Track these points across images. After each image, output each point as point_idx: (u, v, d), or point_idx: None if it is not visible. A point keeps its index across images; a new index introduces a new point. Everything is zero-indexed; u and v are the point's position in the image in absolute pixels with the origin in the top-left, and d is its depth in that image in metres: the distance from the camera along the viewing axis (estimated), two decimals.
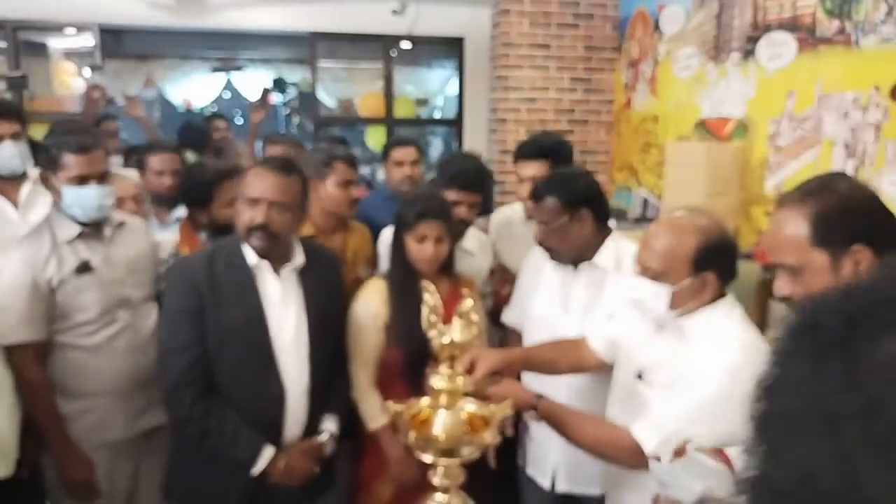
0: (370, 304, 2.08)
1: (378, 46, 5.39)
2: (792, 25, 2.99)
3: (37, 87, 5.16)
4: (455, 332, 1.41)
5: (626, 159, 4.44)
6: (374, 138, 5.59)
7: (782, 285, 1.23)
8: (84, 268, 2.05)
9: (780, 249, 1.21)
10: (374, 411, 2.04)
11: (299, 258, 1.93)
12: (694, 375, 1.46)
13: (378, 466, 2.09)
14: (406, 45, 5.46)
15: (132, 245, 2.22)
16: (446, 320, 1.45)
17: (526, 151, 2.49)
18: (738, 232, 3.28)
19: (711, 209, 3.28)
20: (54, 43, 5.49)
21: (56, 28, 5.09)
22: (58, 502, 2.10)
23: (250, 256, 1.87)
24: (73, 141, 2.07)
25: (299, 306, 1.91)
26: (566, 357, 1.85)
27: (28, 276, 1.98)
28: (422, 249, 2.04)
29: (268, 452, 1.84)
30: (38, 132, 3.30)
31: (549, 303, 2.14)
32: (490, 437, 1.38)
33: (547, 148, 2.49)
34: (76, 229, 2.07)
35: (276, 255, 1.88)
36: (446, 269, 2.13)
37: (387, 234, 2.59)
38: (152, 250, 2.31)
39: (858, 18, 2.68)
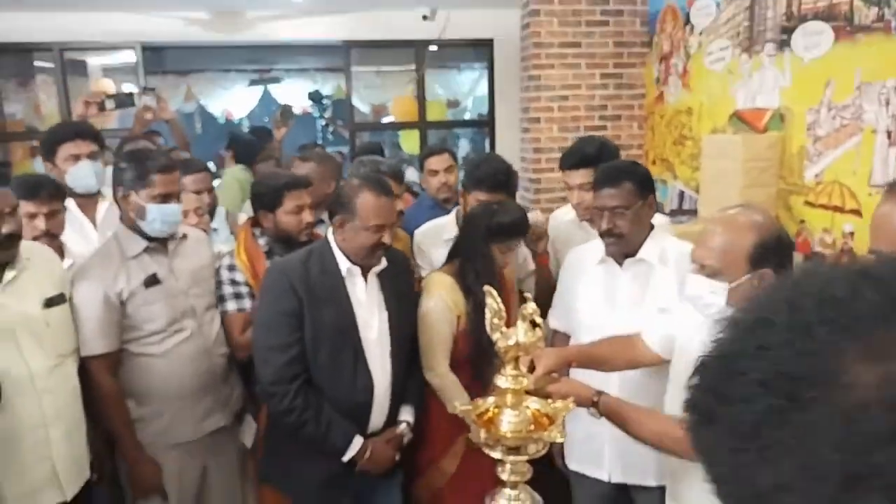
0: (444, 297, 2.20)
1: (409, 52, 5.44)
2: (828, 14, 2.95)
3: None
4: (520, 334, 1.44)
5: (659, 153, 4.42)
6: (408, 142, 5.65)
7: None
8: (152, 280, 2.14)
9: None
10: (458, 393, 2.15)
11: (382, 263, 2.06)
12: None
13: (436, 453, 2.18)
14: (436, 48, 5.50)
15: (195, 256, 2.31)
16: (508, 323, 1.48)
17: (572, 161, 2.50)
18: (779, 223, 3.25)
19: (749, 200, 3.27)
20: (94, 61, 5.63)
21: (101, 48, 5.23)
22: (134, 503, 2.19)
23: (342, 262, 2.03)
24: (160, 161, 2.19)
25: (381, 307, 2.07)
26: (622, 354, 1.86)
27: (100, 291, 2.06)
28: (506, 259, 2.25)
29: (357, 442, 2.02)
30: None
31: (594, 300, 2.15)
32: (556, 434, 1.40)
33: (591, 156, 2.49)
34: (143, 244, 2.15)
35: (370, 264, 2.05)
36: None
37: (421, 235, 2.66)
38: (212, 260, 2.38)
39: None
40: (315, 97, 5.84)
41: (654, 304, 2.00)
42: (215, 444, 2.29)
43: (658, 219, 2.25)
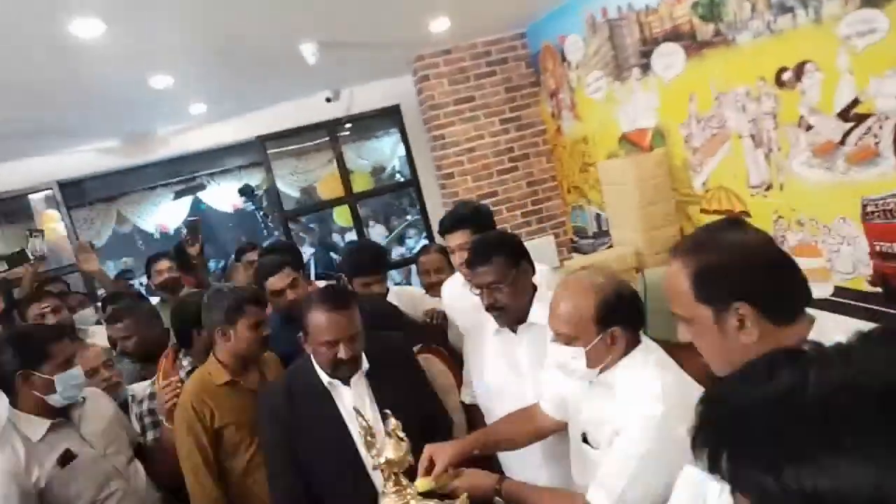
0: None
1: (323, 132, 5.50)
2: (676, 35, 3.05)
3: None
4: (388, 452, 1.43)
5: (571, 181, 4.49)
6: (341, 216, 5.66)
7: (682, 331, 1.22)
8: (66, 457, 2.02)
9: (673, 300, 1.20)
10: None
11: (364, 364, 1.97)
12: (628, 435, 1.47)
13: None
14: (349, 124, 5.57)
15: (99, 415, 2.20)
16: None
17: (447, 225, 2.52)
18: (683, 234, 3.30)
19: (650, 217, 3.31)
20: (35, 198, 5.60)
21: (20, 195, 5.21)
22: None
23: (323, 376, 1.94)
24: (51, 333, 2.09)
25: (372, 405, 1.94)
26: (523, 428, 1.84)
27: (13, 488, 1.92)
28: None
29: None
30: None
31: (499, 371, 2.14)
32: None
33: (465, 216, 2.52)
34: (46, 423, 2.04)
35: (347, 374, 1.93)
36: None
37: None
38: (118, 412, 2.31)
39: (729, 19, 2.73)
40: (245, 191, 5.85)
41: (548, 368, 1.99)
42: None
43: (541, 271, 2.25)
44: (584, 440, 1.62)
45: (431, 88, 4.49)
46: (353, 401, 1.91)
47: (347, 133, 6.10)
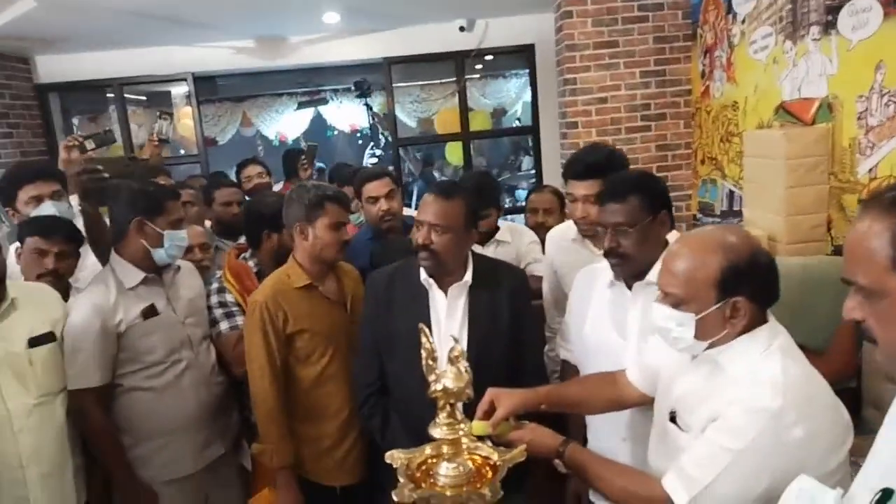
0: None
1: (450, 64, 5.31)
2: None
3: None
4: (447, 380, 1.26)
5: (708, 151, 4.06)
6: (453, 153, 5.50)
7: (853, 306, 0.97)
8: (150, 312, 2.10)
9: (855, 263, 0.95)
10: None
11: (467, 276, 1.95)
12: (728, 424, 1.21)
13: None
14: (477, 58, 5.34)
15: (189, 287, 2.27)
16: None
17: (578, 170, 2.26)
18: (831, 224, 2.87)
19: (797, 200, 2.91)
20: (177, 90, 5.82)
21: (156, 81, 5.40)
22: None
23: (422, 273, 1.95)
24: (171, 189, 2.21)
25: (463, 322, 1.93)
26: (600, 393, 1.62)
27: (97, 322, 2.02)
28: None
29: None
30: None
31: (602, 328, 1.91)
32: (489, 493, 1.21)
33: (598, 165, 2.24)
34: (140, 275, 2.12)
35: (443, 273, 1.94)
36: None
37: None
38: (203, 290, 2.34)
39: None
40: (360, 86, 5.51)
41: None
42: (216, 472, 2.24)
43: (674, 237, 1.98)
44: (672, 420, 1.38)
45: (572, 27, 4.15)
46: (445, 310, 1.91)
47: (476, 68, 5.87)
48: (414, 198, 5.62)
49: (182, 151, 6.02)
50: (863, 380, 2.31)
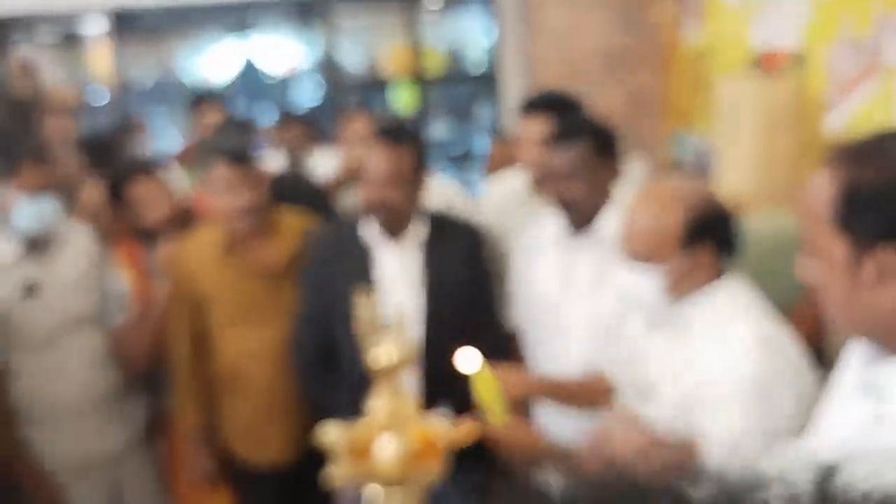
0: None
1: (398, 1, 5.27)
2: None
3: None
4: (389, 349, 1.34)
5: (679, 103, 4.18)
6: (404, 101, 5.49)
7: (803, 266, 1.04)
8: (32, 289, 2.08)
9: (805, 221, 1.02)
10: None
11: (420, 232, 2.00)
12: (720, 369, 1.34)
13: None
14: None
15: (80, 258, 2.23)
16: None
17: (525, 105, 2.34)
18: (796, 184, 3.02)
19: (766, 157, 3.05)
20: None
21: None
22: None
23: (367, 230, 2.01)
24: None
25: (416, 284, 1.98)
26: (596, 400, 1.73)
27: None
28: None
29: None
30: None
31: (549, 287, 2.02)
32: (431, 471, 1.30)
33: (550, 99, 2.33)
34: (19, 247, 2.09)
35: (395, 230, 1.99)
36: None
37: None
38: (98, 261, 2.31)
39: None
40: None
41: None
42: (124, 463, 2.28)
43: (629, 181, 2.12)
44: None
45: None
46: (396, 271, 1.95)
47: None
48: None
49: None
50: (825, 341, 2.48)
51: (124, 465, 2.28)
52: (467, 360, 1.56)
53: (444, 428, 1.41)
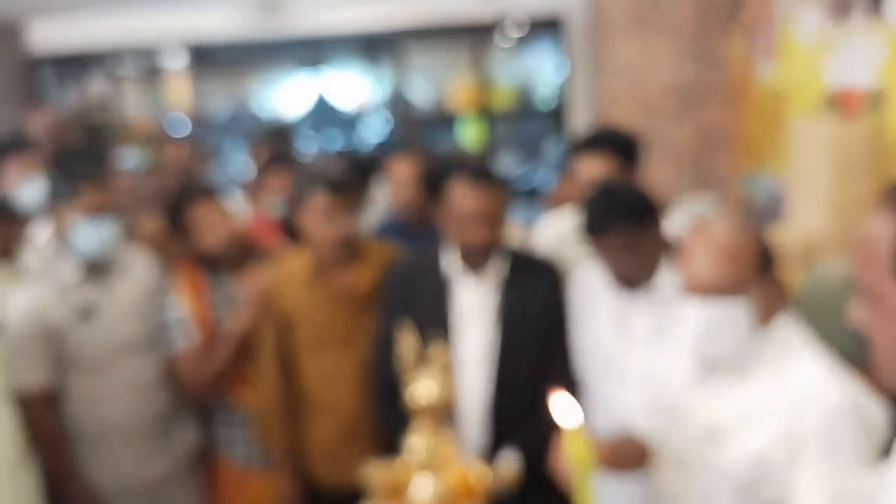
0: None
1: (467, 38, 5.40)
2: None
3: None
4: (431, 388, 1.39)
5: (753, 141, 4.12)
6: (470, 136, 5.60)
7: (855, 308, 1.02)
8: (89, 311, 2.18)
9: (862, 265, 1.00)
10: None
11: (501, 268, 2.05)
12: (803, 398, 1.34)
13: None
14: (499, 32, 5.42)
15: (138, 283, 2.32)
16: None
17: (579, 143, 2.36)
18: None
19: (840, 201, 2.99)
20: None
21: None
22: None
23: (447, 263, 2.06)
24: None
25: (491, 321, 2.02)
26: None
27: (37, 318, 2.12)
28: None
29: None
30: None
31: (605, 340, 2.03)
32: None
33: (604, 136, 2.34)
34: (80, 269, 2.20)
35: (476, 263, 2.03)
36: None
37: None
38: (156, 287, 2.39)
39: None
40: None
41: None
42: (170, 487, 2.35)
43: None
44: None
45: None
46: (473, 307, 2.00)
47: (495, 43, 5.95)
48: None
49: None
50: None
51: (168, 491, 2.35)
52: (565, 411, 1.45)
53: (484, 471, 1.44)
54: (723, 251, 1.39)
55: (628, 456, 1.60)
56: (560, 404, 1.44)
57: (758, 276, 1.39)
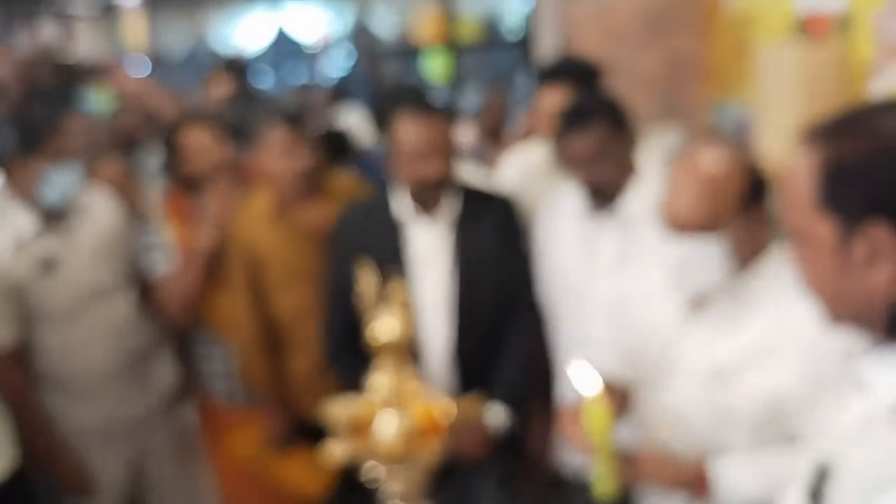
0: None
1: None
2: None
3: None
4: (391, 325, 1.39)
5: (721, 69, 4.09)
6: (435, 70, 5.48)
7: (789, 252, 1.05)
8: (51, 263, 2.13)
9: (787, 204, 1.01)
10: None
11: (452, 208, 2.00)
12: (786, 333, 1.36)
13: None
14: None
15: (99, 226, 2.27)
16: None
17: (539, 74, 2.34)
18: None
19: (806, 125, 3.00)
20: None
21: None
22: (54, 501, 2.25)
23: (398, 205, 2.01)
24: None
25: (447, 262, 1.99)
26: None
27: None
28: None
29: None
30: None
31: (569, 265, 2.04)
32: (433, 449, 1.35)
33: (566, 66, 2.32)
34: (37, 221, 2.14)
35: (428, 203, 1.98)
36: None
37: None
38: (123, 226, 2.36)
39: None
40: None
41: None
42: (149, 427, 2.35)
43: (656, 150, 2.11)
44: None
45: None
46: (428, 249, 1.96)
47: None
48: None
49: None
50: None
51: (147, 431, 2.37)
52: (585, 377, 1.40)
53: (448, 405, 1.45)
54: (705, 185, 1.36)
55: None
56: (578, 373, 1.40)
57: (745, 208, 1.38)
